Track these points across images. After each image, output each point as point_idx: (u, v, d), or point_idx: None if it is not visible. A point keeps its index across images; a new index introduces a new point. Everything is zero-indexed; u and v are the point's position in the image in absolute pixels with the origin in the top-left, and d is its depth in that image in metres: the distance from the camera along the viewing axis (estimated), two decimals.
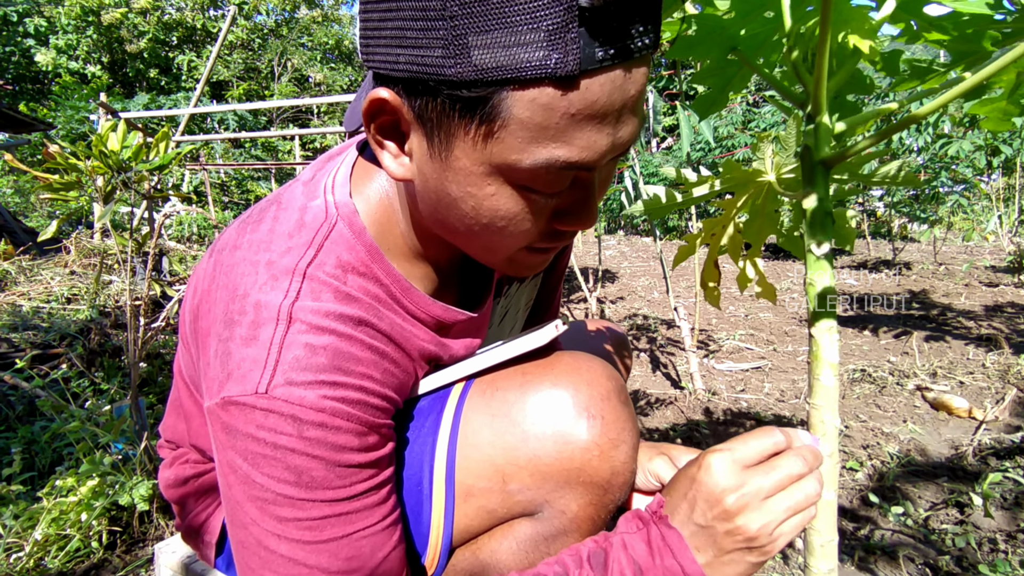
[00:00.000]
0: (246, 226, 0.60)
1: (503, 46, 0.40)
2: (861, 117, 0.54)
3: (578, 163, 0.46)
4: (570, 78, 0.41)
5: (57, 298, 3.27)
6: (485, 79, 0.42)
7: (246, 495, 0.52)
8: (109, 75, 16.70)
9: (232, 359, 0.52)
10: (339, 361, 0.52)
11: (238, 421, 0.51)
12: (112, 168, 1.38)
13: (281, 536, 0.52)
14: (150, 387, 2.09)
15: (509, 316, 0.84)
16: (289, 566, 0.52)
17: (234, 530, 0.55)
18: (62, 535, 1.28)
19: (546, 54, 0.40)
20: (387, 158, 0.52)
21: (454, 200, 0.50)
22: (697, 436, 1.85)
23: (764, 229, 0.71)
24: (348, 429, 0.52)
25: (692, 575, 0.52)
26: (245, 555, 0.54)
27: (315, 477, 0.51)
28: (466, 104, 0.44)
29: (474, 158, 0.46)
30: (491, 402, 0.63)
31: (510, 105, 0.43)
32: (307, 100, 4.98)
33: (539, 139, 0.44)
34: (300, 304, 0.53)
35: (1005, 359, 2.46)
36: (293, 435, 0.50)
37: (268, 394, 0.50)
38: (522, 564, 0.63)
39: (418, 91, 0.45)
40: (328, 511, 0.52)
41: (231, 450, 0.52)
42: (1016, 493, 1.41)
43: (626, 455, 0.60)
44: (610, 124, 0.45)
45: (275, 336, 0.51)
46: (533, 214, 0.51)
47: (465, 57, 0.41)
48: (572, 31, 0.40)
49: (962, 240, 6.39)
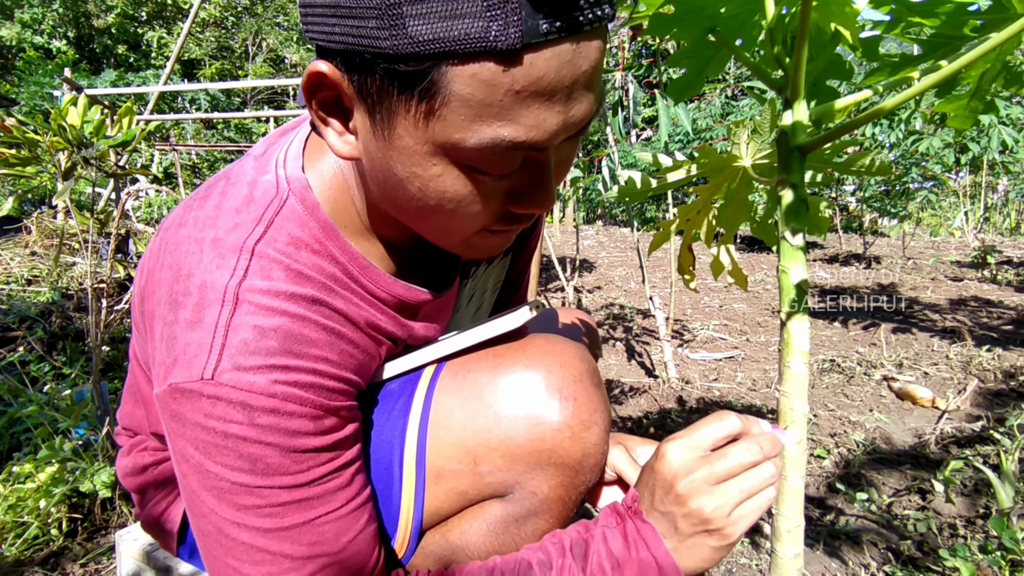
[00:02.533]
0: (192, 202, 0.57)
1: (440, 17, 0.38)
2: (840, 105, 0.53)
3: (526, 143, 0.43)
4: (512, 52, 0.39)
5: (17, 279, 3.17)
6: (422, 52, 0.39)
7: (202, 484, 0.50)
8: (75, 50, 16.12)
9: (177, 343, 0.50)
10: (290, 344, 0.50)
11: (186, 409, 0.49)
12: (71, 143, 1.32)
13: (241, 524, 0.50)
14: (114, 372, 2.04)
15: (475, 298, 0.82)
16: (252, 553, 0.51)
17: (194, 519, 0.53)
18: (19, 522, 1.24)
19: (485, 26, 0.38)
20: (332, 135, 0.49)
21: (400, 181, 0.48)
22: (669, 424, 1.86)
23: (738, 215, 0.71)
24: (302, 414, 0.50)
25: (665, 565, 0.54)
26: (207, 543, 0.53)
27: (270, 464, 0.49)
28: (404, 79, 0.41)
29: (417, 137, 0.44)
30: (463, 384, 0.62)
31: (450, 80, 0.40)
32: (282, 81, 4.86)
33: (482, 117, 0.42)
34: (248, 283, 0.50)
35: (968, 351, 2.53)
36: (244, 423, 0.48)
37: (214, 380, 0.48)
38: (492, 545, 0.62)
39: (356, 65, 0.43)
40: (287, 497, 0.50)
41: (182, 439, 0.50)
42: (976, 480, 1.45)
43: (597, 437, 0.60)
44: (560, 102, 0.43)
45: (220, 318, 0.49)
46: (483, 196, 0.48)
47: (400, 29, 0.38)
48: (512, 2, 0.37)
49: (930, 235, 6.55)
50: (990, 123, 3.54)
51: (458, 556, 0.63)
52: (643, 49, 3.06)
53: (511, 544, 0.62)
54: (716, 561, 0.55)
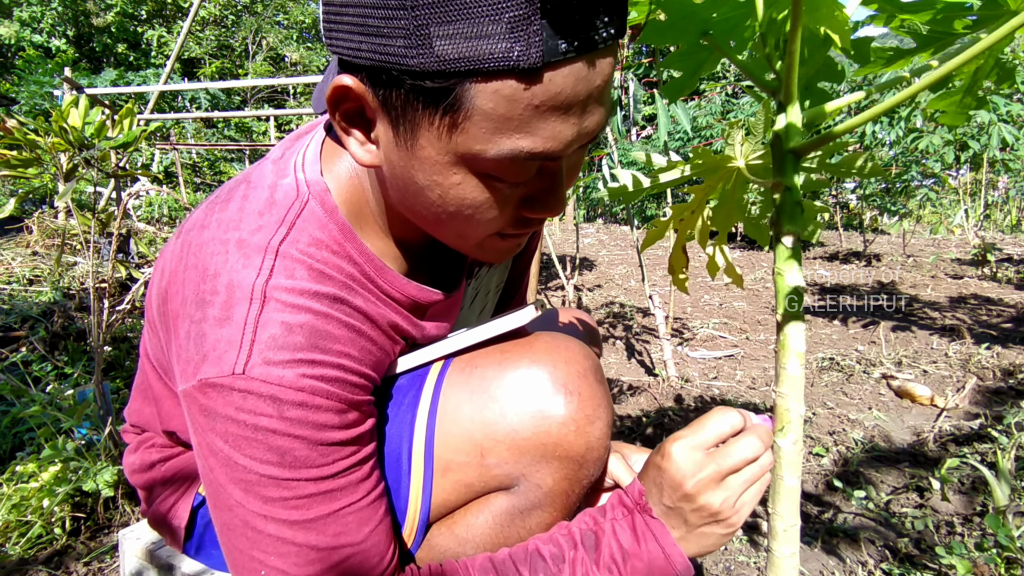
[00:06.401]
0: (214, 205, 0.59)
1: (465, 37, 0.40)
2: (831, 108, 0.54)
3: (542, 154, 0.46)
4: (533, 70, 0.42)
5: (19, 279, 3.18)
6: (448, 70, 0.41)
7: (229, 477, 0.52)
8: (75, 49, 16.11)
9: (207, 340, 0.51)
10: (316, 339, 0.52)
11: (217, 403, 0.50)
12: (73, 145, 1.33)
13: (268, 516, 0.52)
14: (116, 371, 2.05)
15: (479, 298, 0.84)
16: (278, 545, 0.53)
17: (218, 513, 0.54)
18: (23, 521, 1.25)
19: (508, 46, 0.40)
20: (353, 144, 0.52)
21: (420, 188, 0.51)
22: (668, 423, 1.87)
23: (732, 216, 0.71)
24: (328, 407, 0.52)
25: (672, 555, 0.58)
26: (232, 537, 0.54)
27: (298, 456, 0.51)
28: (429, 95, 0.43)
29: (439, 148, 0.47)
30: (470, 379, 0.63)
31: (473, 96, 0.43)
32: (283, 80, 4.86)
33: (503, 130, 0.44)
34: (274, 282, 0.52)
35: (967, 349, 2.54)
36: (274, 416, 0.50)
37: (246, 375, 0.49)
38: (498, 537, 0.64)
39: (382, 80, 0.45)
40: (313, 489, 0.52)
41: (211, 432, 0.51)
42: (973, 478, 1.46)
43: (601, 431, 0.62)
44: (575, 115, 0.45)
45: (249, 315, 0.51)
46: (499, 202, 0.51)
47: (427, 48, 0.41)
48: (534, 23, 0.40)
49: (930, 233, 6.55)
50: (990, 121, 3.53)
51: (464, 548, 0.64)
52: (643, 48, 3.06)
53: (516, 536, 0.63)
54: (723, 544, 0.61)
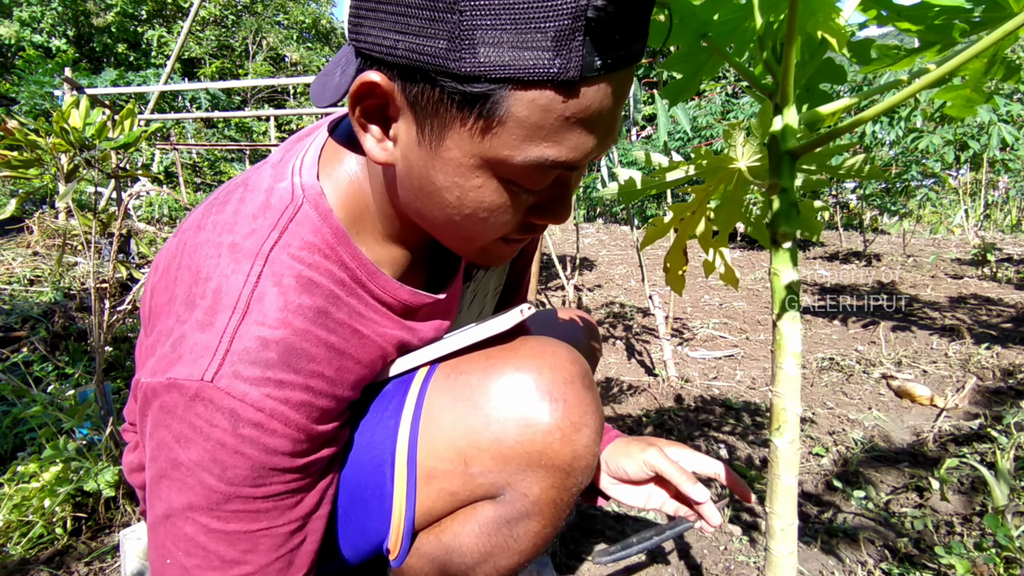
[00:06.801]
0: (212, 207, 0.59)
1: (511, 46, 0.41)
2: (827, 111, 0.54)
3: (565, 163, 0.48)
4: (571, 83, 0.43)
5: (19, 280, 3.17)
6: (489, 76, 0.42)
7: (167, 472, 0.52)
8: (75, 49, 16.11)
9: (186, 342, 0.52)
10: (290, 357, 0.52)
11: (178, 404, 0.51)
12: (73, 145, 1.33)
13: (188, 517, 0.53)
14: (117, 371, 2.05)
15: (477, 300, 0.84)
16: (190, 545, 0.53)
17: (152, 499, 0.55)
18: (24, 521, 1.25)
19: (551, 58, 0.41)
20: (370, 141, 0.52)
21: (438, 189, 0.51)
22: (669, 423, 1.87)
23: (732, 216, 0.71)
24: (283, 434, 0.52)
25: None
26: (155, 523, 0.55)
27: (238, 474, 0.51)
28: (466, 98, 0.44)
29: (466, 150, 0.47)
30: (454, 386, 0.63)
31: (510, 103, 0.44)
32: (283, 80, 4.86)
33: (533, 138, 0.46)
34: (259, 291, 0.53)
35: (967, 349, 2.54)
36: (228, 430, 0.50)
37: (213, 383, 0.50)
38: (485, 546, 0.63)
39: (415, 79, 0.45)
40: (240, 506, 0.52)
41: (164, 428, 0.52)
42: (972, 478, 1.46)
43: (588, 439, 0.61)
44: (598, 128, 0.47)
45: (229, 324, 0.51)
46: (514, 207, 0.52)
47: (471, 52, 0.42)
48: (577, 39, 0.41)
49: (930, 233, 6.54)
50: (990, 121, 3.53)
51: (452, 557, 0.64)
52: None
53: (504, 545, 0.63)
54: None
